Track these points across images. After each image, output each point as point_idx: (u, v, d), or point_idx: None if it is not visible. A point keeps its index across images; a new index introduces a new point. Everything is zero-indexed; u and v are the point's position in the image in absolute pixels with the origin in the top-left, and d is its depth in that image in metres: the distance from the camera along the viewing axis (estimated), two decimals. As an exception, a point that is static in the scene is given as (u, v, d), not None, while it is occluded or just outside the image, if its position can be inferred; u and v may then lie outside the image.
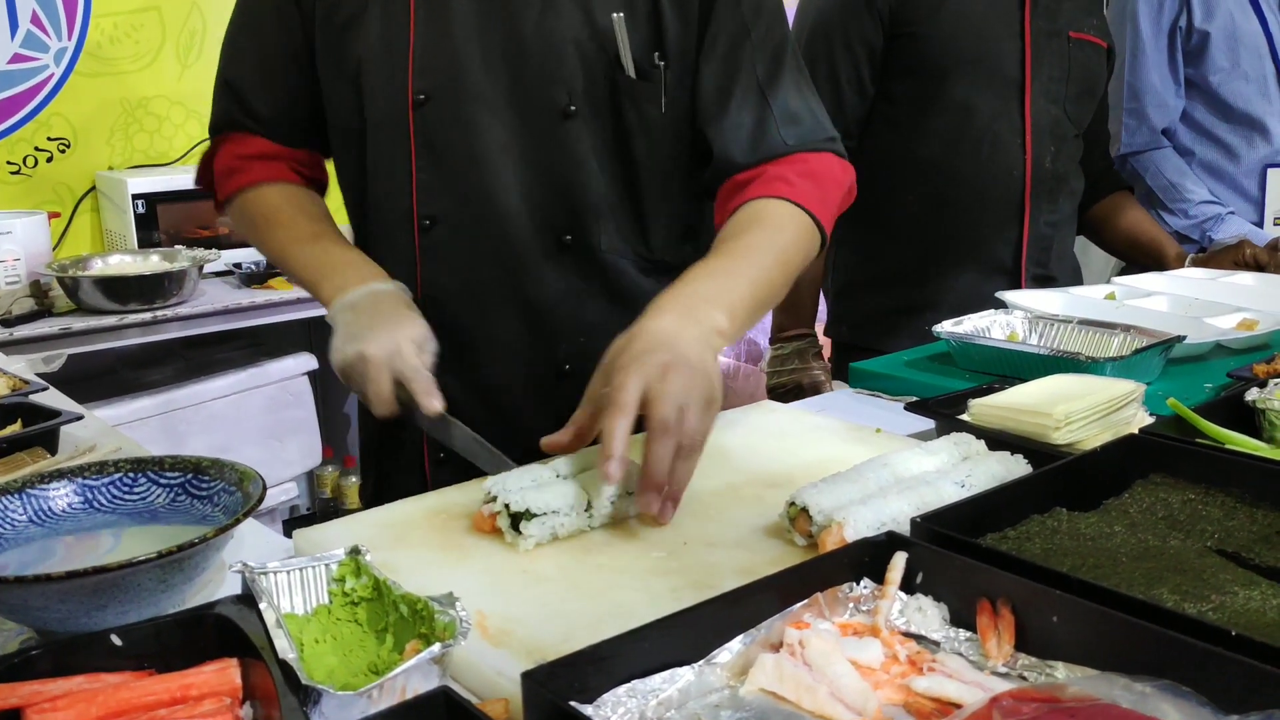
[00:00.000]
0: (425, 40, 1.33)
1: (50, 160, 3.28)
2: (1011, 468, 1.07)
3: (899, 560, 0.86)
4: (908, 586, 0.85)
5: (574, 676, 0.71)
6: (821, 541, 0.95)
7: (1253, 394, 1.22)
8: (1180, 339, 1.52)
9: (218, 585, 0.97)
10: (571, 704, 0.68)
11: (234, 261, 3.20)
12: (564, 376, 1.41)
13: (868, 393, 1.61)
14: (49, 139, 3.27)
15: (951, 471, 1.05)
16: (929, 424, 1.33)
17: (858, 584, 0.85)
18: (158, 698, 0.73)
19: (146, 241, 3.12)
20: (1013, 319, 1.64)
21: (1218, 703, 0.66)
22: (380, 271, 1.34)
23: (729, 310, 1.17)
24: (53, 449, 1.31)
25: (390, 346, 1.22)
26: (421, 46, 1.33)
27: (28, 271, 2.90)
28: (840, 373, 1.69)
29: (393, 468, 1.51)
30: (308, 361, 3.25)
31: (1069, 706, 0.66)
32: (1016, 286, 2.04)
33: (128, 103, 3.38)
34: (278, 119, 1.45)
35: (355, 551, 0.87)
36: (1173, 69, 2.50)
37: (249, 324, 3.05)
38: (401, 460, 1.49)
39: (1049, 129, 2.04)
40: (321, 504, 3.65)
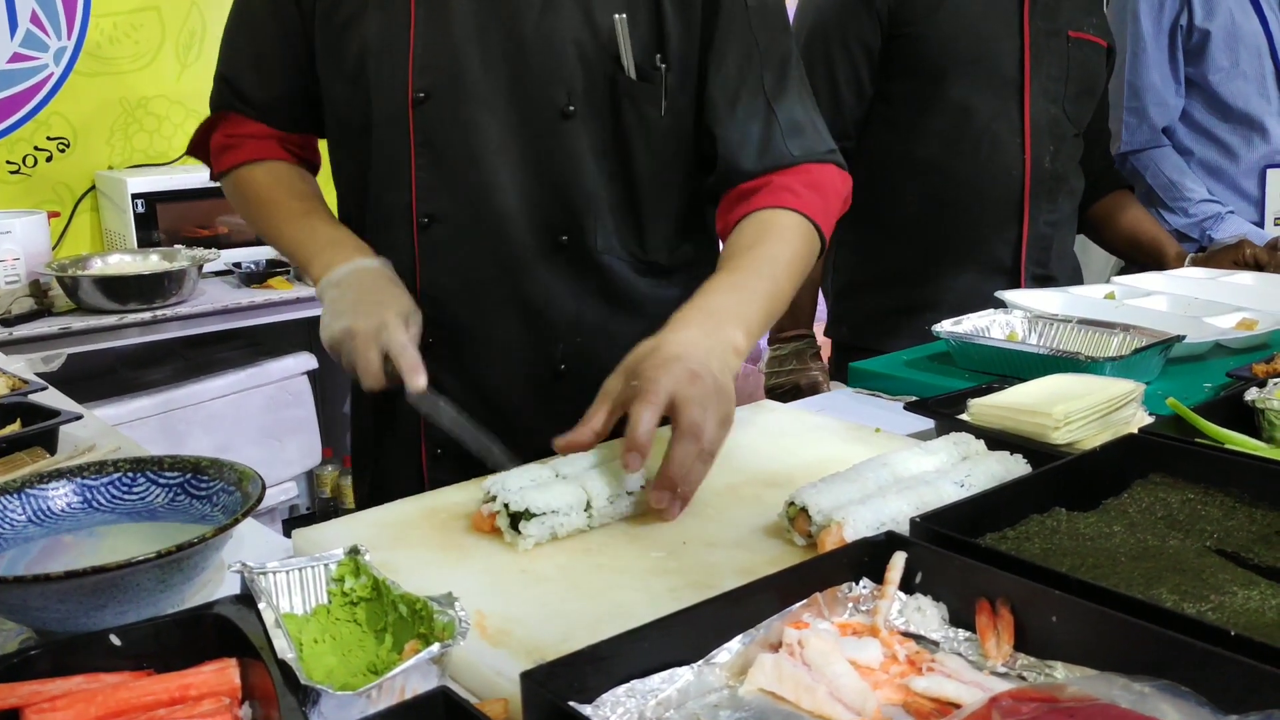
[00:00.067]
0: (425, 39, 1.34)
1: (50, 160, 3.28)
2: (1011, 467, 1.07)
3: (898, 560, 0.86)
4: (907, 586, 0.85)
5: (573, 676, 0.71)
6: (821, 541, 0.95)
7: (1252, 394, 1.22)
8: (1180, 339, 1.52)
9: (217, 585, 0.97)
10: (570, 704, 0.68)
11: (233, 261, 3.20)
12: (560, 376, 1.41)
13: (867, 392, 1.60)
14: (48, 138, 3.27)
15: (951, 471, 1.06)
16: (928, 424, 1.33)
17: (857, 584, 0.85)
18: (157, 698, 0.73)
19: (146, 241, 3.12)
20: (1012, 318, 1.64)
21: (1217, 703, 0.66)
22: (365, 248, 1.37)
23: (746, 328, 1.21)
24: (52, 449, 1.31)
25: (376, 321, 1.25)
26: (422, 45, 1.34)
27: (27, 271, 2.90)
28: (841, 373, 1.68)
29: (389, 465, 1.51)
30: (307, 361, 3.25)
31: (1068, 706, 0.66)
32: (1016, 286, 2.03)
33: (127, 102, 3.38)
34: (272, 109, 1.49)
35: (354, 551, 0.87)
36: (1173, 68, 2.50)
37: (248, 323, 3.06)
38: (398, 458, 1.49)
39: (1048, 128, 2.04)
40: (321, 504, 3.65)
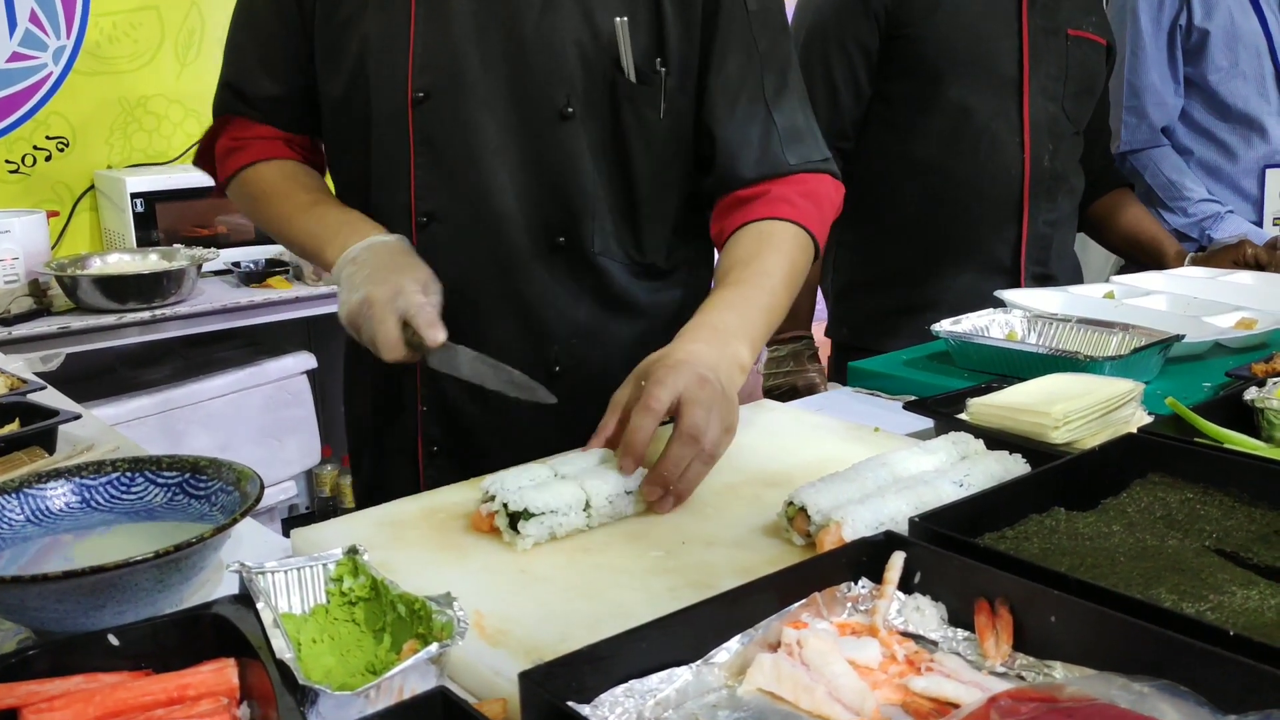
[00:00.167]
0: (425, 38, 1.34)
1: (49, 159, 3.28)
2: (1010, 467, 1.07)
3: (897, 560, 0.86)
4: (906, 586, 0.85)
5: (572, 676, 0.71)
6: (820, 541, 0.95)
7: (1251, 393, 1.22)
8: (1179, 338, 1.52)
9: (215, 585, 0.97)
10: (569, 704, 0.68)
11: (233, 260, 3.20)
12: (554, 377, 1.41)
13: (866, 392, 1.60)
14: (48, 138, 3.27)
15: (950, 471, 1.06)
16: (927, 423, 1.33)
17: (856, 584, 0.85)
18: (155, 698, 0.73)
19: (145, 240, 3.12)
20: (1011, 318, 1.64)
21: (1216, 702, 0.66)
22: (379, 227, 1.35)
23: (750, 343, 1.23)
24: (50, 448, 1.30)
25: (394, 288, 1.22)
26: (421, 44, 1.34)
27: (26, 270, 2.90)
28: (841, 374, 1.68)
29: (385, 463, 1.51)
30: (306, 360, 3.25)
31: (1067, 706, 0.66)
32: (1016, 285, 2.03)
33: (126, 101, 3.38)
34: (279, 105, 1.48)
35: (353, 551, 0.87)
36: (1172, 67, 2.49)
37: (248, 323, 3.05)
38: (394, 455, 1.49)
39: (1047, 127, 2.04)
40: (320, 503, 3.65)
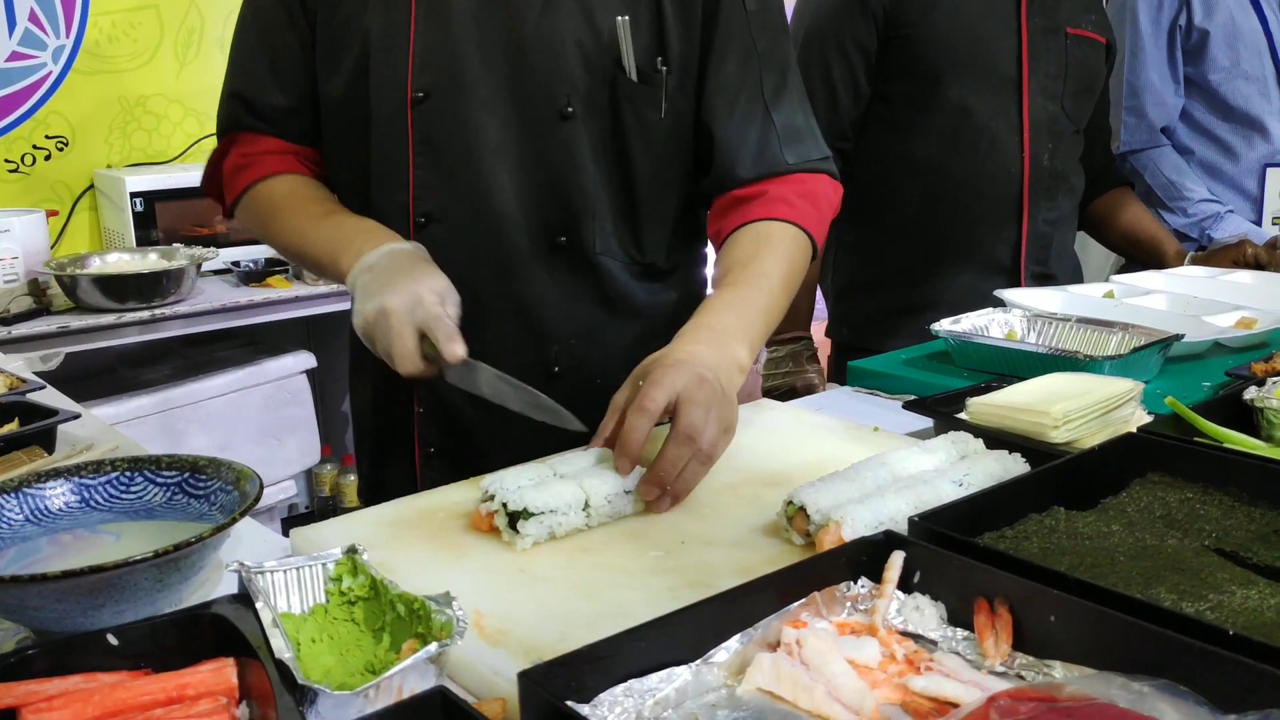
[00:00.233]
0: (425, 37, 1.33)
1: (48, 158, 3.28)
2: (1009, 466, 1.07)
3: (896, 559, 0.85)
4: (905, 586, 0.85)
5: (571, 676, 0.71)
6: (819, 540, 0.95)
7: (1251, 392, 1.22)
8: (1178, 337, 1.52)
9: (214, 584, 0.97)
10: (568, 703, 0.68)
11: (232, 260, 3.20)
12: (554, 377, 1.41)
13: (866, 391, 1.60)
14: (47, 137, 3.27)
15: (949, 470, 1.05)
16: (927, 423, 1.33)
17: (855, 583, 0.85)
18: (154, 697, 0.73)
19: (145, 240, 3.12)
20: (1011, 317, 1.64)
21: (1215, 702, 0.66)
22: (395, 235, 1.32)
23: (749, 344, 1.23)
24: (50, 448, 1.30)
25: (411, 298, 1.19)
26: (421, 44, 1.33)
27: (26, 270, 2.90)
28: (842, 374, 1.68)
29: (383, 464, 1.51)
30: (306, 360, 3.25)
31: (1066, 706, 0.66)
32: (1016, 285, 2.03)
33: (126, 101, 3.38)
34: (289, 116, 1.45)
35: (352, 551, 0.87)
36: (1172, 67, 2.49)
37: (247, 322, 3.05)
38: (392, 457, 1.49)
39: (1047, 126, 2.04)
40: (320, 502, 3.65)
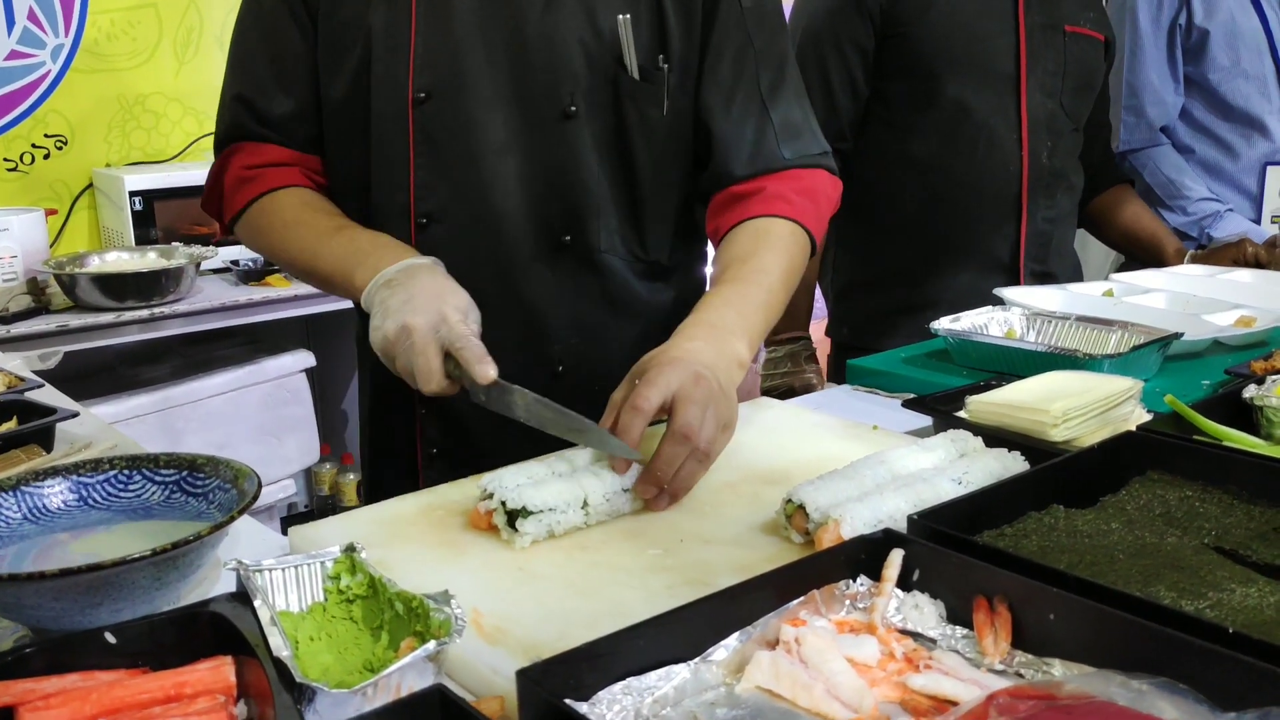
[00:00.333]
0: (427, 37, 1.33)
1: (47, 157, 3.28)
2: (1008, 465, 1.07)
3: (895, 557, 0.85)
4: (904, 584, 0.85)
5: (569, 674, 0.71)
6: (818, 539, 0.95)
7: (1250, 391, 1.22)
8: (1178, 336, 1.52)
9: (213, 583, 0.97)
10: (567, 702, 0.68)
11: (231, 259, 3.20)
12: (558, 377, 1.41)
13: (865, 389, 1.60)
14: (46, 136, 3.27)
15: (948, 468, 1.05)
16: (926, 421, 1.33)
17: (854, 581, 0.85)
18: (152, 696, 0.73)
19: (144, 238, 3.11)
20: (1010, 316, 1.64)
21: (1215, 700, 0.66)
22: (411, 249, 1.30)
23: (748, 340, 1.22)
24: (48, 446, 1.30)
25: (435, 316, 1.15)
26: (423, 44, 1.33)
27: (25, 269, 2.89)
28: (842, 374, 1.68)
29: (385, 465, 1.51)
30: (305, 359, 3.25)
31: (1065, 704, 0.66)
32: (1015, 283, 2.03)
33: (125, 99, 3.38)
34: (293, 121, 1.41)
35: (350, 549, 0.87)
36: (1172, 67, 2.49)
37: (246, 321, 3.05)
38: (393, 458, 1.48)
39: (1045, 124, 2.03)
40: (319, 501, 3.65)
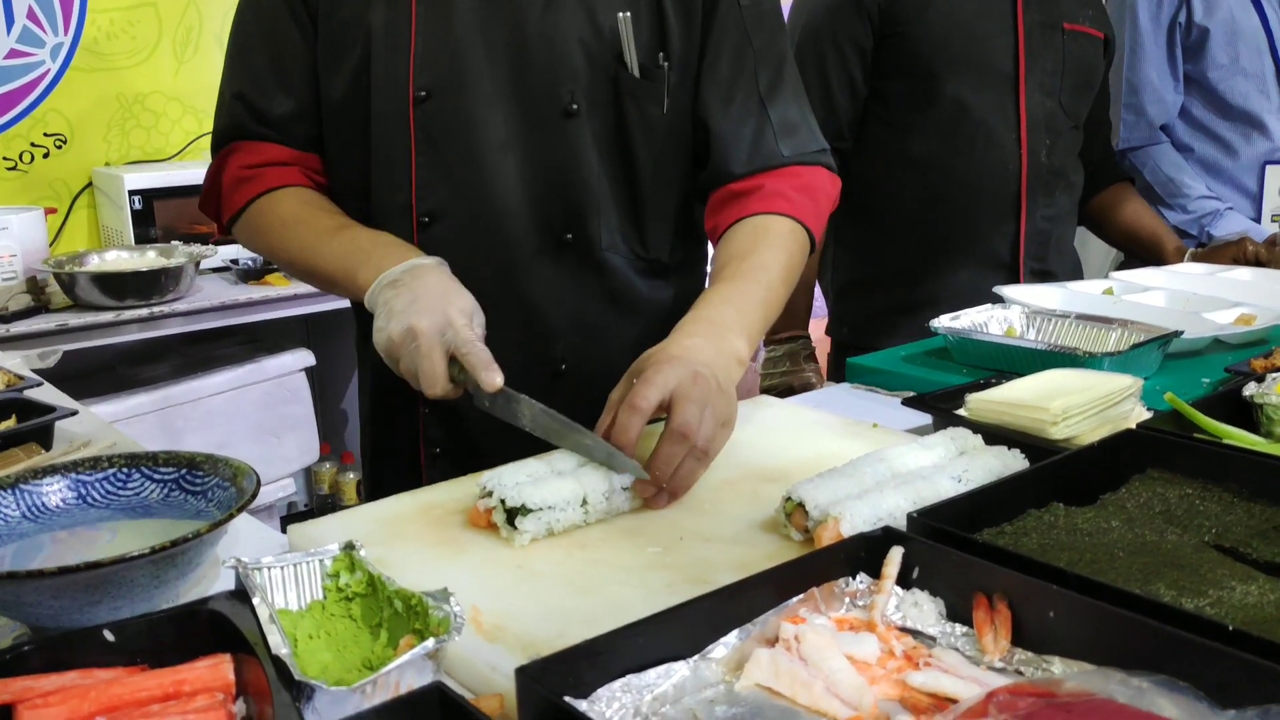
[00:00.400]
0: (427, 36, 1.33)
1: (47, 156, 3.28)
2: (1008, 463, 1.07)
3: (895, 555, 0.85)
4: (904, 581, 0.85)
5: (569, 672, 0.70)
6: (818, 536, 0.95)
7: (1250, 389, 1.22)
8: (1178, 334, 1.52)
9: (212, 581, 0.97)
10: (566, 699, 0.68)
11: (231, 257, 3.19)
12: (560, 375, 1.41)
13: (865, 387, 1.60)
14: (45, 135, 3.26)
15: (948, 466, 1.05)
16: (926, 419, 1.33)
17: (854, 579, 0.85)
18: (150, 693, 0.73)
19: (143, 237, 3.12)
20: (1010, 314, 1.64)
21: (1215, 698, 0.66)
22: (415, 249, 1.29)
23: (747, 337, 1.22)
24: (47, 445, 1.30)
25: (440, 319, 1.14)
26: (423, 42, 1.33)
27: (24, 268, 2.89)
28: (842, 373, 1.68)
29: (387, 465, 1.51)
30: (305, 358, 3.25)
31: (1065, 701, 0.66)
32: (1015, 281, 2.03)
33: (124, 98, 3.38)
34: (293, 119, 1.40)
35: (349, 547, 0.87)
36: (1171, 65, 2.49)
37: (246, 320, 3.05)
38: (396, 458, 1.48)
39: (1044, 122, 2.03)
40: (319, 500, 3.65)
